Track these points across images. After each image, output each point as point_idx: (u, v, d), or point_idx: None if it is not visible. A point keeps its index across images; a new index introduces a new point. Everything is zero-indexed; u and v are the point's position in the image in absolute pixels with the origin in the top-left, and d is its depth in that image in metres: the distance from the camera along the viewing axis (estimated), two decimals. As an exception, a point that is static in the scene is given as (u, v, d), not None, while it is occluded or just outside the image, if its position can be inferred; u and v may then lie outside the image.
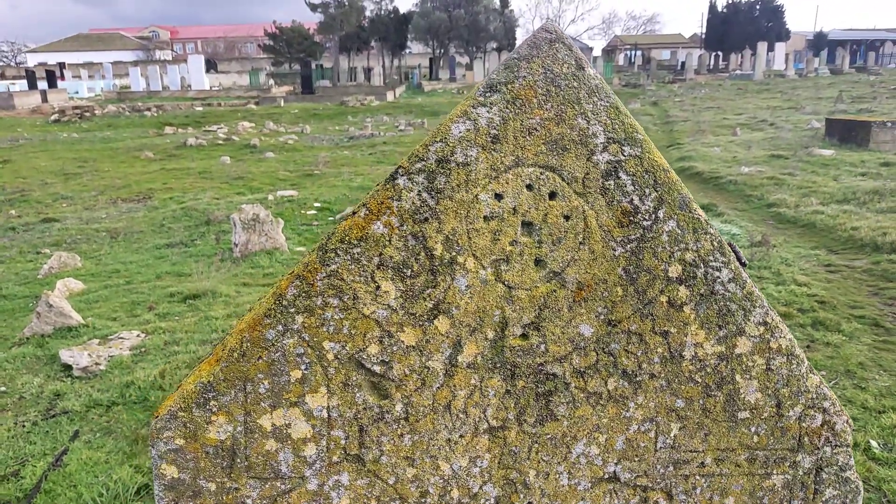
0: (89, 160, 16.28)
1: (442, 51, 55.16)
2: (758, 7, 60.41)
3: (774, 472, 1.44)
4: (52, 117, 26.44)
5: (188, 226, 9.33)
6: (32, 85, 37.28)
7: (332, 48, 54.89)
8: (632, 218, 1.32)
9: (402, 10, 56.41)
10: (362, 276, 1.29)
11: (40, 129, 24.06)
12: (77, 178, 14.05)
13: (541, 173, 1.30)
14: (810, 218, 8.21)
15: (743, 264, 1.37)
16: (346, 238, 1.28)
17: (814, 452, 1.43)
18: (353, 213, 1.30)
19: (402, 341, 1.32)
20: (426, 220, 1.29)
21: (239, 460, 1.34)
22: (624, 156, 1.30)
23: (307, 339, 1.30)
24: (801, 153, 12.73)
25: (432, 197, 1.28)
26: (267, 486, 1.35)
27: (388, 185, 1.29)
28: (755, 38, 48.49)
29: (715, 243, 1.34)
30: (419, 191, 1.28)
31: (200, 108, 29.03)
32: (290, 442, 1.34)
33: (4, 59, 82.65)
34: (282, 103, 31.04)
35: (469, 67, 49.93)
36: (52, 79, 39.43)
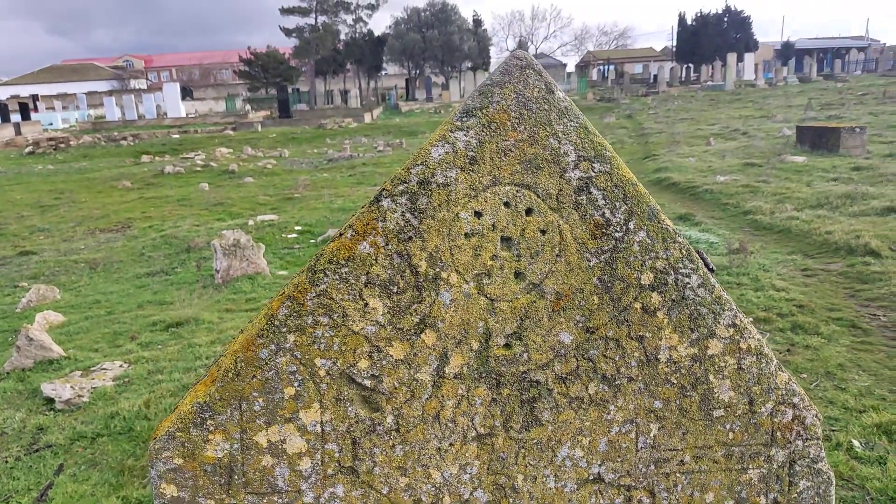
0: (66, 191, 16.18)
1: (417, 71, 55.60)
2: (726, 19, 61.61)
3: (750, 466, 1.51)
4: (27, 149, 26.22)
5: (168, 254, 9.29)
6: (5, 118, 36.97)
7: (308, 72, 55.11)
8: (604, 230, 1.39)
9: (377, 33, 56.85)
10: (351, 294, 1.35)
11: (14, 161, 23.84)
12: (54, 209, 13.95)
13: (517, 191, 1.37)
14: (786, 224, 8.36)
15: (711, 270, 1.45)
16: (335, 258, 1.35)
17: (786, 446, 1.51)
18: (340, 234, 1.36)
19: (391, 355, 1.38)
20: (410, 238, 1.35)
21: (236, 477, 1.38)
22: (594, 172, 1.38)
23: (299, 356, 1.36)
24: (774, 161, 12.98)
25: (415, 217, 1.35)
26: (264, 501, 1.40)
27: (372, 207, 1.35)
28: (725, 50, 49.40)
29: (683, 251, 1.42)
30: (403, 211, 1.35)
31: (177, 136, 28.95)
32: (285, 457, 1.39)
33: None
34: (259, 128, 31.04)
35: (445, 87, 50.35)
36: (25, 111, 39.18)
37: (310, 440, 1.39)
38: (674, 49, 65.49)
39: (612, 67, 63.34)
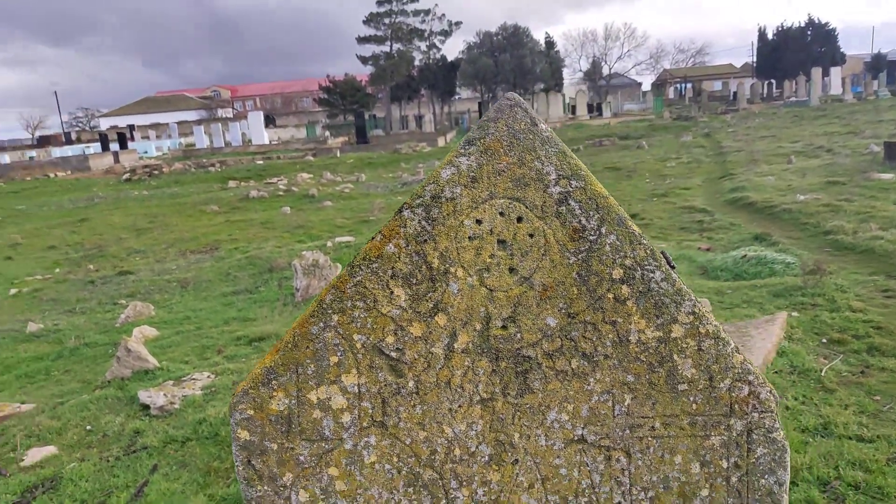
0: (159, 215, 17.33)
1: (490, 95, 56.28)
2: (809, 32, 59.76)
3: (712, 433, 1.80)
4: (124, 176, 28.16)
5: (252, 274, 9.85)
6: (105, 147, 39.68)
7: (383, 98, 56.75)
8: (581, 234, 1.74)
9: (450, 58, 58.04)
10: (380, 284, 1.74)
11: (113, 187, 25.61)
12: (148, 232, 15.00)
13: (509, 203, 1.74)
14: (868, 244, 7.96)
15: (672, 268, 1.76)
16: (367, 256, 1.75)
17: (744, 417, 1.79)
18: (372, 238, 1.76)
19: (411, 333, 1.76)
20: (425, 241, 1.74)
21: (293, 426, 1.79)
22: (571, 187, 1.73)
23: (341, 332, 1.76)
24: (859, 178, 12.52)
25: (429, 224, 1.73)
26: (314, 445, 1.80)
27: (397, 217, 1.75)
28: (808, 64, 47.95)
29: (648, 251, 1.74)
30: (419, 220, 1.73)
31: (261, 162, 30.37)
32: (331, 411, 1.79)
33: (80, 125, 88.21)
34: (338, 154, 32.19)
35: (518, 109, 50.62)
36: (122, 140, 41.90)
37: (349, 398, 1.78)
38: (754, 65, 63.90)
39: (689, 85, 62.31)
